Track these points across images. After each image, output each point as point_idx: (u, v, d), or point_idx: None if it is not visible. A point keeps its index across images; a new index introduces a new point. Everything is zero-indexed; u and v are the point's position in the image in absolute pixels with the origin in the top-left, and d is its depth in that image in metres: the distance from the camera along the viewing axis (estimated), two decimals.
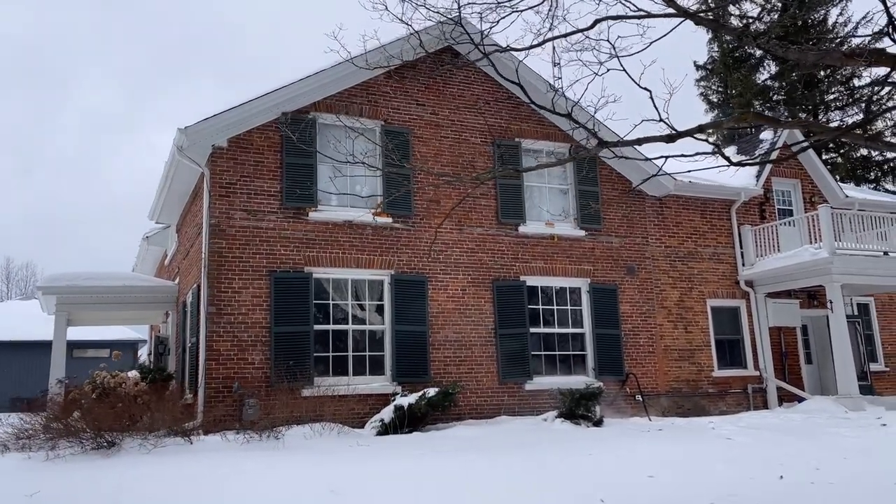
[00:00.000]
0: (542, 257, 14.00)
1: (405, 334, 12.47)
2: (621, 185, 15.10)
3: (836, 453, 9.53)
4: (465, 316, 13.05)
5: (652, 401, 14.23)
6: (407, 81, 13.59)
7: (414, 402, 10.68)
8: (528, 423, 11.49)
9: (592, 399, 11.38)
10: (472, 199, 13.63)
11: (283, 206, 12.10)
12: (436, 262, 13.03)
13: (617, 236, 14.82)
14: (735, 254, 15.95)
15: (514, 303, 13.50)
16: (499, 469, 7.97)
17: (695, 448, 9.57)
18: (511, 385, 13.11)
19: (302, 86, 12.22)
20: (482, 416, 12.66)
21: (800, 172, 17.39)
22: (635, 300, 14.66)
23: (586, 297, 14.25)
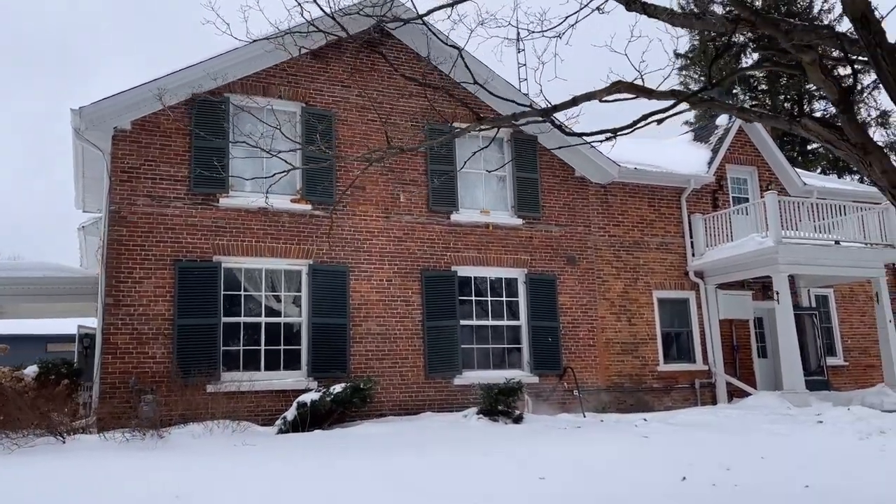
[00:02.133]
0: (475, 247, 13.38)
1: (323, 327, 11.87)
2: (563, 173, 14.47)
3: (756, 452, 8.97)
4: (390, 308, 12.44)
5: (591, 396, 13.65)
6: (332, 62, 12.96)
7: (317, 398, 10.08)
8: (445, 421, 10.90)
9: (512, 395, 10.80)
10: (402, 186, 13.01)
11: (190, 192, 11.47)
12: (359, 252, 12.41)
13: (557, 225, 14.20)
14: (685, 243, 15.33)
15: (445, 294, 12.89)
16: (377, 469, 7.41)
17: (605, 447, 8.99)
18: (438, 380, 12.52)
19: (212, 65, 11.57)
20: (406, 412, 12.07)
21: (756, 160, 16.77)
22: (576, 291, 14.06)
23: (523, 288, 13.64)
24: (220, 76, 11.51)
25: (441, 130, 13.48)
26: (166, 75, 11.22)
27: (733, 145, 16.49)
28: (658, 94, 6.15)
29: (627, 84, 6.20)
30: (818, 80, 4.86)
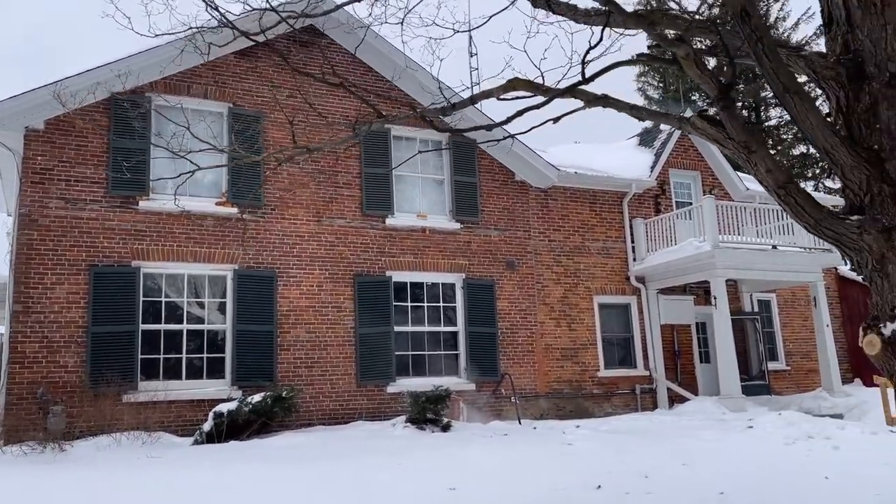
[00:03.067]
0: (411, 251, 13.12)
1: (249, 334, 11.48)
2: (503, 177, 14.28)
3: (680, 459, 8.83)
4: (320, 314, 12.10)
5: (530, 403, 13.46)
6: (261, 62, 12.61)
7: (234, 408, 9.70)
8: (372, 430, 10.59)
9: (440, 402, 10.53)
10: (334, 189, 12.70)
11: (108, 195, 11.02)
12: (288, 256, 12.06)
13: (496, 229, 14.00)
14: (626, 248, 15.24)
15: (379, 300, 12.60)
16: (275, 482, 7.09)
17: (526, 455, 8.76)
18: (371, 388, 12.21)
19: (132, 63, 11.14)
20: (336, 421, 11.74)
21: (700, 164, 16.80)
22: (515, 297, 13.87)
23: (461, 294, 13.40)
24: (135, 75, 11.08)
25: (377, 133, 13.21)
26: (75, 75, 10.73)
27: (676, 150, 16.49)
28: (554, 91, 5.97)
29: (523, 81, 6.01)
30: (695, 74, 4.70)
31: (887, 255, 4.61)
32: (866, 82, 4.77)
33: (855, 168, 4.68)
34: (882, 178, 4.63)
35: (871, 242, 4.64)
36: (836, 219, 4.76)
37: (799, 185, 4.83)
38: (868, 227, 4.66)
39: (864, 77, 4.79)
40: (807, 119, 4.71)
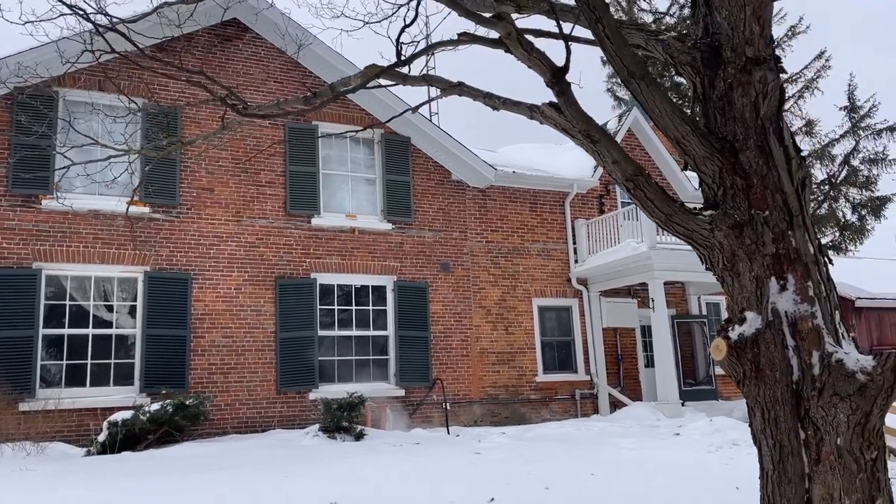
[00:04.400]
0: (339, 252, 12.68)
1: (160, 339, 11.01)
2: (438, 176, 13.87)
3: (590, 468, 8.45)
4: (238, 318, 11.64)
5: (463, 409, 13.04)
6: (180, 55, 12.12)
7: (130, 417, 9.22)
8: (282, 439, 10.13)
9: (354, 410, 10.08)
10: (257, 188, 12.24)
11: (8, 194, 10.52)
12: (205, 258, 11.58)
13: (431, 230, 13.59)
14: (568, 249, 14.86)
15: (302, 303, 12.14)
16: (143, 496, 6.64)
17: (427, 466, 8.33)
18: (292, 395, 11.75)
19: (35, 55, 10.68)
20: (253, 429, 11.28)
21: (647, 164, 16.46)
22: (449, 299, 13.45)
23: (391, 297, 12.96)
24: (40, 69, 10.56)
25: (302, 129, 12.78)
26: None
27: None
28: (412, 79, 5.59)
29: (380, 69, 5.63)
30: (522, 56, 4.31)
31: (738, 252, 4.24)
32: (722, 68, 4.41)
33: (708, 159, 4.31)
34: (735, 170, 4.26)
35: (721, 239, 4.28)
36: (687, 214, 4.38)
37: (649, 178, 4.46)
38: (719, 223, 4.29)
39: (721, 62, 4.43)
40: (655, 107, 4.33)
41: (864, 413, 3.80)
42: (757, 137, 4.22)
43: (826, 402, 3.90)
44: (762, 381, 4.11)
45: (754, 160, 4.21)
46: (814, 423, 4.00)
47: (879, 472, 3.94)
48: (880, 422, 3.93)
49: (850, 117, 33.18)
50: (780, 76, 4.32)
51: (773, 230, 4.16)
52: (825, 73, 32.78)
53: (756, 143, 4.22)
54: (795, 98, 33.44)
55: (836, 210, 33.43)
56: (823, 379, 3.94)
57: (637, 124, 16.14)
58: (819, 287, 4.12)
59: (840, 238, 33.89)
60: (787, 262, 4.15)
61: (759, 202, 4.22)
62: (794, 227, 4.16)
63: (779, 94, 4.27)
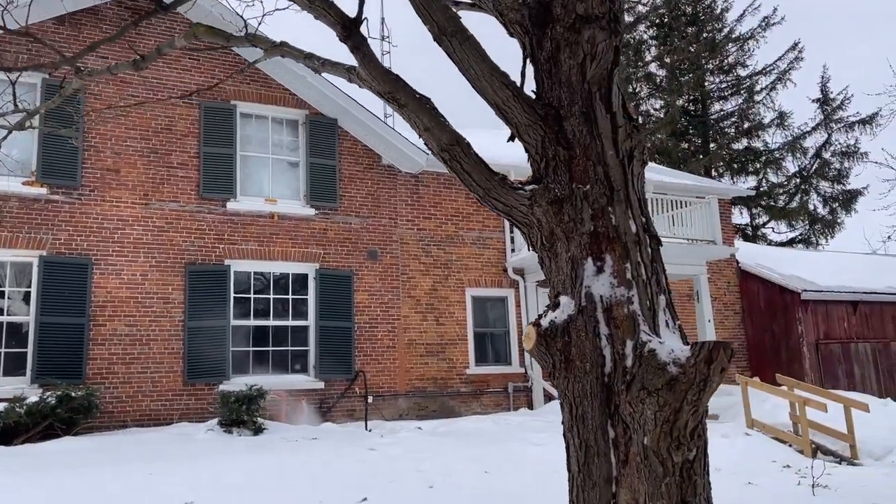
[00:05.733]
0: (257, 238, 12.15)
1: (56, 327, 10.44)
2: (368, 160, 13.35)
3: (486, 465, 8.04)
4: (143, 306, 11.09)
5: (387, 402, 12.58)
6: (86, 29, 11.55)
7: (2, 410, 8.70)
8: (177, 433, 9.59)
9: (253, 403, 9.58)
10: (168, 170, 11.68)
11: None
12: (108, 243, 11.02)
13: (358, 216, 13.07)
14: (505, 238, 14.39)
15: (214, 291, 11.60)
16: None
17: (311, 463, 7.87)
18: (201, 386, 11.22)
19: None
20: (157, 422, 10.75)
21: None
22: (375, 289, 12.96)
23: (313, 285, 12.45)
24: None
25: (219, 108, 12.23)
26: None
27: None
28: (236, 39, 5.10)
29: (205, 28, 5.13)
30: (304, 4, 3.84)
31: (556, 231, 3.78)
32: (551, 26, 3.94)
33: (530, 128, 3.84)
34: (558, 140, 3.79)
35: (540, 216, 3.82)
36: (506, 188, 3.92)
37: (468, 148, 3.99)
38: (539, 199, 3.83)
39: (551, 20, 3.96)
40: (471, 67, 3.85)
41: (672, 409, 3.35)
42: (582, 103, 3.75)
43: (634, 396, 3.45)
44: (571, 374, 3.66)
45: (578, 129, 3.75)
46: (623, 421, 3.56)
47: (697, 476, 3.49)
48: (694, 420, 3.47)
49: (823, 110, 32.96)
50: (617, 36, 3.86)
51: (592, 206, 3.70)
52: (798, 65, 32.58)
53: (581, 109, 3.75)
54: (768, 90, 33.23)
55: (808, 203, 33.27)
56: (634, 371, 3.51)
57: None
58: (639, 269, 3.67)
59: (810, 231, 33.75)
60: (605, 241, 3.70)
61: (580, 175, 3.77)
62: (614, 203, 3.70)
63: (612, 56, 3.80)
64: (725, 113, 33.65)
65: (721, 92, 33.73)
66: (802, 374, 15.86)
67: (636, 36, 34.31)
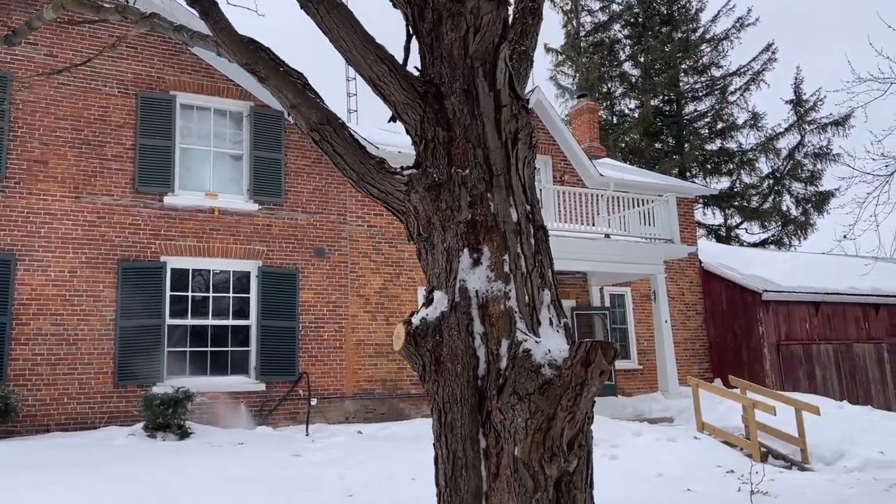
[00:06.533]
0: (195, 234, 11.67)
1: None
2: (316, 154, 12.92)
3: (415, 472, 7.66)
4: (71, 304, 10.58)
5: (333, 405, 12.17)
6: (13, 14, 11.05)
7: None
8: (98, 438, 9.06)
9: (178, 406, 9.11)
10: (101, 162, 11.18)
11: None
12: (33, 237, 10.49)
13: (305, 212, 12.64)
14: None
15: (149, 289, 11.11)
16: None
17: (224, 470, 7.45)
18: (133, 389, 10.72)
19: None
20: (84, 426, 10.23)
21: (551, 148, 15.73)
22: (322, 287, 12.54)
23: (255, 283, 12.01)
24: None
25: (157, 99, 11.75)
26: None
27: None
28: (106, 10, 4.70)
29: None
30: None
31: (433, 219, 3.42)
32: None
33: (409, 106, 3.48)
34: (438, 120, 3.43)
35: (417, 203, 3.46)
36: (382, 173, 3.55)
37: (341, 127, 3.62)
38: (416, 184, 3.47)
39: None
40: (341, 38, 3.48)
41: (545, 416, 3.00)
42: (464, 80, 3.38)
43: (505, 402, 3.09)
44: (442, 377, 3.30)
45: (459, 108, 3.38)
46: (495, 430, 3.22)
47: (577, 491, 3.13)
48: (571, 428, 3.12)
49: (796, 111, 32.97)
50: (505, 8, 3.50)
51: (470, 192, 3.35)
52: (771, 66, 32.56)
53: (462, 87, 3.39)
54: (742, 91, 33.19)
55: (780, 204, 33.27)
56: (506, 374, 3.16)
57: (539, 104, 15.37)
58: (519, 262, 3.31)
59: (783, 232, 33.75)
60: (483, 231, 3.34)
61: (460, 159, 3.41)
62: (493, 189, 3.35)
63: (500, 30, 3.44)
64: (699, 113, 33.58)
65: (695, 92, 33.67)
66: (763, 376, 15.68)
67: (611, 35, 34.18)
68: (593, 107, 20.25)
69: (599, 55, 34.05)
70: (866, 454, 10.01)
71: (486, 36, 3.39)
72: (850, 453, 10.05)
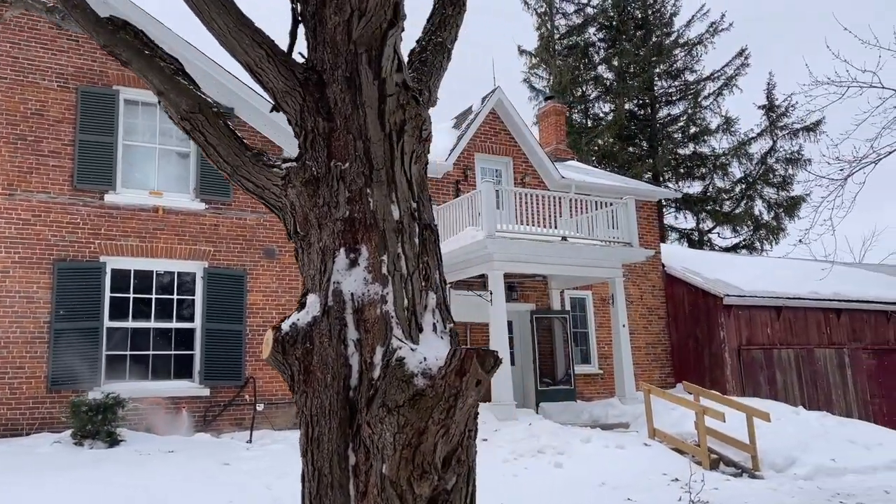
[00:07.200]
0: (138, 234, 11.29)
1: None
2: (270, 152, 12.59)
3: None
4: (3, 305, 10.08)
5: (281, 410, 11.83)
6: None
7: None
8: (24, 445, 8.68)
9: (108, 412, 8.75)
10: (37, 158, 10.77)
11: None
12: None
13: (254, 212, 12.26)
14: None
15: (87, 290, 10.70)
16: None
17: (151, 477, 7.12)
18: (67, 394, 10.28)
19: None
20: (15, 432, 9.79)
21: (512, 149, 15.52)
22: (272, 289, 12.20)
23: (201, 285, 11.65)
24: None
25: (99, 93, 11.37)
26: None
27: (485, 133, 15.16)
28: None
29: None
30: None
31: (310, 216, 3.18)
32: None
33: (289, 94, 3.22)
34: (318, 110, 3.18)
35: (294, 198, 3.21)
36: (259, 166, 3.28)
37: (216, 116, 3.34)
38: (294, 178, 3.22)
39: None
40: (213, 21, 3.20)
41: (415, 431, 2.74)
42: (347, 67, 3.13)
43: (374, 415, 2.83)
44: (311, 387, 3.03)
45: (341, 96, 3.13)
46: (365, 445, 2.97)
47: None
48: (446, 444, 2.87)
49: (768, 116, 33.12)
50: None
51: (349, 188, 3.10)
52: (744, 71, 32.68)
53: (345, 74, 3.14)
54: (715, 95, 33.25)
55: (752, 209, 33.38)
56: (377, 384, 2.92)
57: (500, 105, 15.17)
58: (399, 262, 3.06)
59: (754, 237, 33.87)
60: (362, 229, 3.08)
61: (340, 151, 3.15)
62: (373, 184, 3.11)
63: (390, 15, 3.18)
64: (673, 117, 33.63)
65: (669, 96, 33.72)
66: (724, 381, 15.59)
67: (585, 38, 34.12)
68: (560, 109, 20.11)
69: (574, 58, 33.99)
70: (818, 461, 9.90)
71: (373, 21, 3.13)
72: (801, 460, 9.93)
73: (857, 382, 17.39)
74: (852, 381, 17.36)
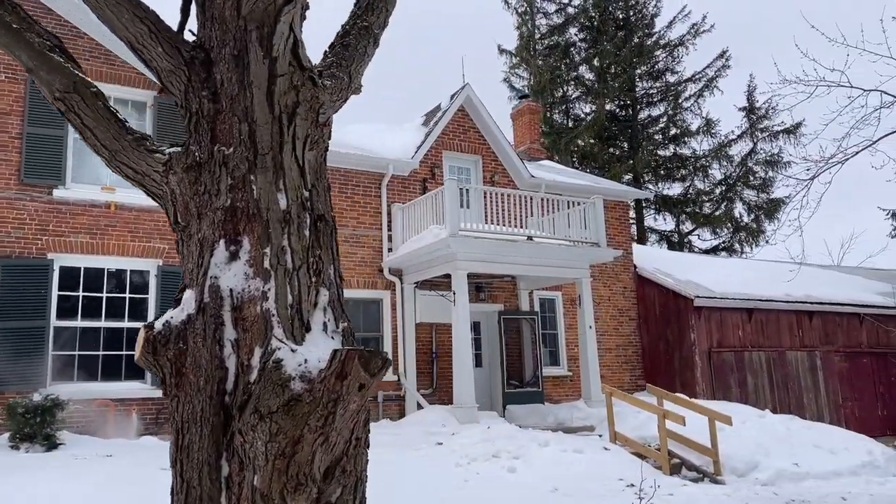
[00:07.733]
0: (89, 230, 10.95)
1: None
2: None
3: None
4: None
5: None
6: None
7: None
8: None
9: (47, 414, 8.45)
10: None
11: None
12: None
13: None
14: (382, 237, 13.51)
15: (33, 288, 10.34)
16: None
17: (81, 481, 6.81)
18: (10, 396, 9.96)
19: None
20: None
21: (481, 148, 15.30)
22: None
23: (154, 283, 11.34)
24: None
25: None
26: None
27: (454, 130, 14.93)
28: None
29: None
30: None
31: (191, 205, 2.91)
32: None
33: (174, 74, 2.96)
34: (203, 90, 2.93)
35: (175, 186, 2.94)
36: (139, 151, 3.01)
37: (95, 97, 3.06)
38: (175, 164, 2.96)
39: None
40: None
41: (290, 440, 2.48)
42: (235, 44, 2.88)
43: (246, 422, 2.58)
44: (182, 391, 2.76)
45: (227, 76, 2.87)
46: (238, 455, 2.72)
47: None
48: (326, 453, 2.62)
49: (749, 118, 33.12)
50: None
51: (232, 174, 2.84)
52: (725, 73, 32.66)
53: (233, 52, 2.88)
54: (696, 97, 33.21)
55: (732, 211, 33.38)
56: (252, 388, 2.67)
57: (469, 102, 14.93)
58: (283, 256, 2.80)
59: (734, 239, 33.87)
60: (244, 219, 2.83)
61: (225, 135, 2.89)
62: (257, 171, 2.85)
63: None
64: (653, 118, 33.55)
65: (650, 98, 33.63)
66: (694, 384, 15.44)
67: (566, 38, 33.96)
68: (535, 108, 19.92)
69: (554, 58, 33.82)
70: (780, 466, 9.75)
71: None
72: (763, 465, 9.77)
73: (828, 385, 17.32)
74: (824, 384, 17.29)
